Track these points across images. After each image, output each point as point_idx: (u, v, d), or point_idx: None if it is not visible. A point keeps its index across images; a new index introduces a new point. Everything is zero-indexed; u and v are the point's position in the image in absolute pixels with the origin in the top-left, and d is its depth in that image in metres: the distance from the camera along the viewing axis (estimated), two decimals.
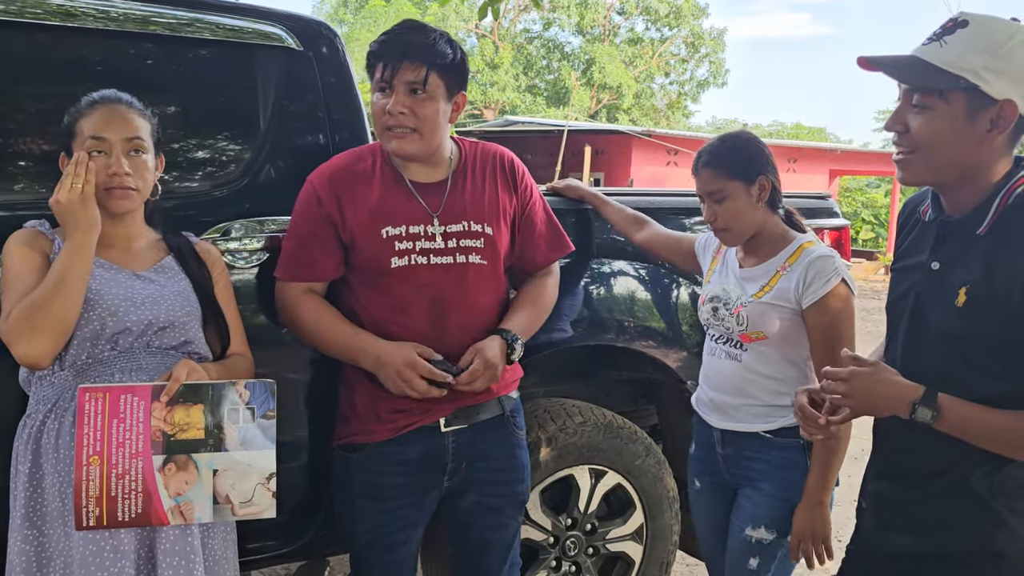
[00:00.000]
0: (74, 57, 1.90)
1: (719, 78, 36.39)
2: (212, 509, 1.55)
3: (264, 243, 1.99)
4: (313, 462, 2.09)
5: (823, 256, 1.88)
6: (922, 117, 1.37)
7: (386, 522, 1.92)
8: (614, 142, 17.68)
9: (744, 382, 1.96)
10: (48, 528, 1.54)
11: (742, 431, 1.97)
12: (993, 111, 1.33)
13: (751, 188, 1.90)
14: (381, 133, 1.84)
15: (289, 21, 2.16)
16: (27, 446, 1.56)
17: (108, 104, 1.63)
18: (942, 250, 1.45)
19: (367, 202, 1.85)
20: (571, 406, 2.48)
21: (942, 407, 1.35)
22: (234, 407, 1.58)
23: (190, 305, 1.69)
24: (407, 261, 1.83)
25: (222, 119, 2.07)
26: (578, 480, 2.46)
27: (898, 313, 1.53)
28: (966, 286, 1.37)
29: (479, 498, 2.00)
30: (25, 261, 1.57)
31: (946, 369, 1.40)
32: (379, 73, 1.79)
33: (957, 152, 1.37)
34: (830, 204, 2.97)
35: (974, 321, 1.36)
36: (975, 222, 1.39)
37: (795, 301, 1.88)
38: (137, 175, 1.63)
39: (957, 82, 1.32)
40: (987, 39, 1.32)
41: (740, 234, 1.96)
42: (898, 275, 1.57)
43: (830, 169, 19.91)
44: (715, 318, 2.00)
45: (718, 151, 1.94)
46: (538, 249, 2.05)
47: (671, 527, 2.62)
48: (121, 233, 1.68)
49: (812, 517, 1.89)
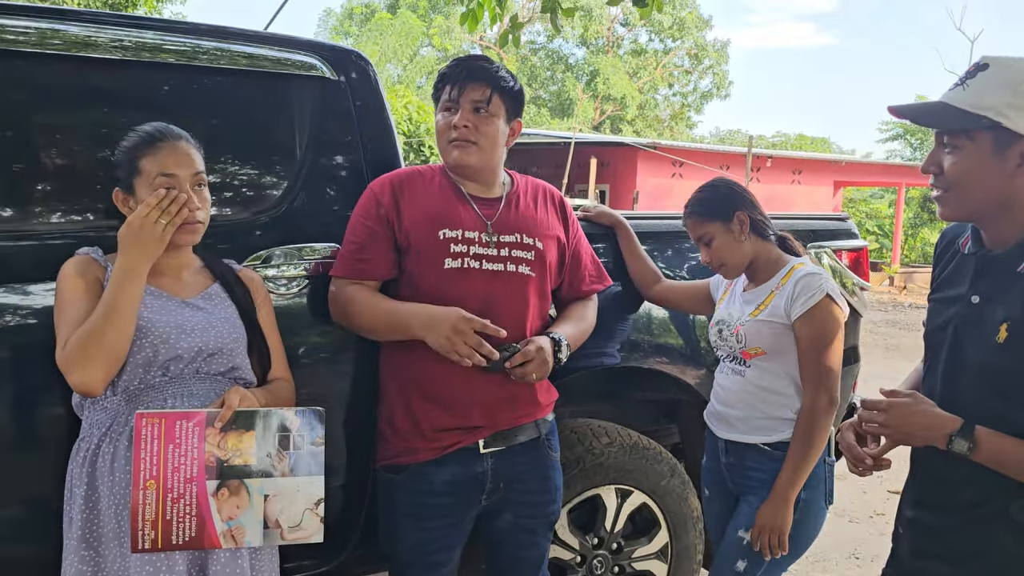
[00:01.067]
0: (121, 89, 1.95)
1: (722, 89, 36.54)
2: (262, 534, 1.59)
3: (303, 270, 2.03)
4: (350, 482, 2.13)
5: (810, 273, 2.03)
6: (953, 157, 1.43)
7: (427, 541, 1.96)
8: (619, 154, 17.75)
9: (747, 395, 2.10)
10: (104, 549, 1.57)
11: (743, 442, 2.10)
12: (1021, 146, 1.38)
13: (730, 225, 2.08)
14: (444, 147, 1.98)
15: (324, 51, 2.22)
16: (82, 469, 1.60)
17: (171, 141, 1.68)
18: (981, 284, 1.48)
19: (426, 205, 1.95)
20: (597, 427, 2.52)
21: (979, 439, 1.38)
22: (284, 434, 1.63)
23: (237, 331, 1.74)
24: (460, 263, 1.91)
25: (261, 148, 2.12)
26: (604, 500, 2.50)
27: (937, 344, 1.57)
28: (1007, 323, 1.40)
29: (515, 519, 2.04)
30: (79, 290, 1.61)
31: (984, 402, 1.43)
32: (446, 94, 1.96)
33: (989, 188, 1.42)
34: (849, 225, 3.01)
35: (1015, 357, 1.39)
36: (1016, 259, 1.43)
37: (786, 316, 2.02)
38: (203, 208, 1.70)
39: (980, 121, 1.38)
40: (1007, 79, 1.38)
41: (735, 267, 2.13)
42: (936, 306, 1.61)
43: (834, 180, 19.98)
44: (720, 339, 2.16)
45: (696, 200, 2.15)
46: (583, 281, 2.17)
47: (695, 546, 2.65)
48: (174, 263, 1.73)
49: (776, 512, 2.00)
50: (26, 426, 1.75)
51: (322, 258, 2.05)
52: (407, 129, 15.83)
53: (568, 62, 35.84)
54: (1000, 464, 1.39)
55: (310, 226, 2.09)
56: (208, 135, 1.94)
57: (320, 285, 2.03)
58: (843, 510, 4.27)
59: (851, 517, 4.21)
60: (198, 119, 2.01)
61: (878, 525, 4.16)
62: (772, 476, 2.04)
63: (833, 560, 3.77)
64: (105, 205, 1.88)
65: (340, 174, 2.19)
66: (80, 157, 1.91)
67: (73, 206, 1.89)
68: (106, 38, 1.90)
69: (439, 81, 2.00)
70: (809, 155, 22.57)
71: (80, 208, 1.90)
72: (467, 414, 1.93)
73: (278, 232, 2.05)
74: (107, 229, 1.85)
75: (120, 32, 1.93)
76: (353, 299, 1.93)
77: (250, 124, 2.11)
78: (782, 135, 38.61)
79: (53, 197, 1.88)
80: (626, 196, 17.15)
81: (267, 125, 2.13)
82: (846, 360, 2.97)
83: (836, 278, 2.84)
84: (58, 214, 1.88)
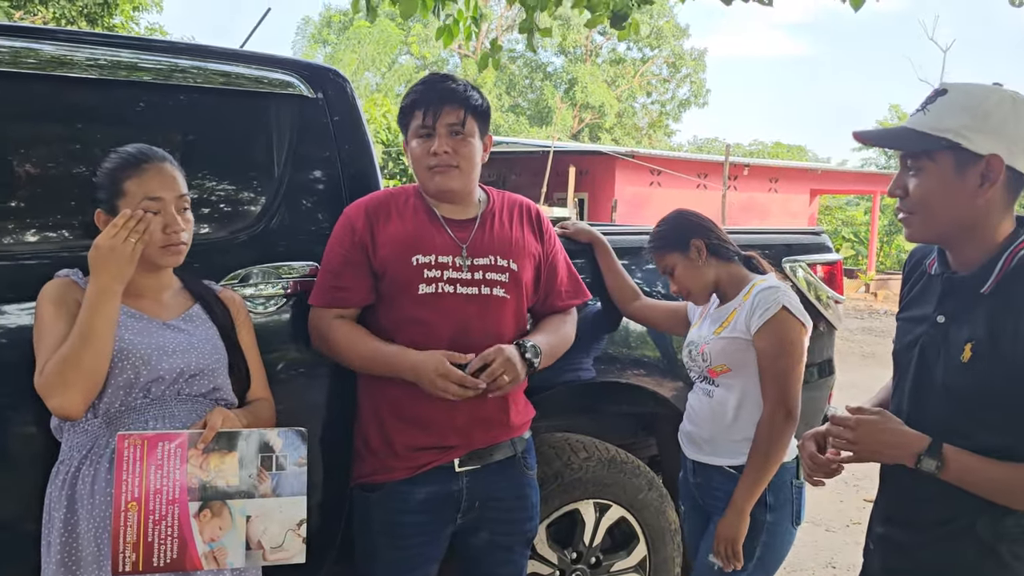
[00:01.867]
0: (97, 108, 1.94)
1: (700, 97, 36.85)
2: (244, 555, 1.58)
3: (281, 288, 2.03)
4: (327, 499, 2.12)
5: (768, 288, 2.06)
6: (916, 179, 1.47)
7: (403, 559, 1.97)
8: (598, 162, 17.83)
9: (715, 416, 2.11)
10: (82, 573, 1.56)
11: (710, 464, 2.12)
12: (980, 166, 1.41)
13: (688, 253, 2.13)
14: (424, 174, 1.97)
15: (301, 68, 2.23)
16: (61, 492, 1.59)
17: (157, 164, 1.68)
18: (947, 304, 1.51)
19: (400, 231, 1.95)
20: (575, 441, 2.53)
21: (946, 458, 1.40)
22: (267, 454, 1.62)
23: (218, 352, 1.73)
24: (435, 289, 1.92)
25: (238, 166, 2.12)
26: (583, 514, 2.51)
27: (904, 363, 1.59)
28: (971, 343, 1.43)
29: (491, 536, 2.05)
30: (56, 315, 1.60)
31: (951, 421, 1.46)
32: (419, 120, 1.94)
33: (953, 208, 1.44)
34: (823, 239, 3.05)
35: (979, 377, 1.42)
36: (980, 281, 1.46)
37: (746, 331, 2.04)
38: (187, 230, 1.70)
39: (940, 143, 1.42)
40: (964, 103, 1.43)
41: (700, 292, 2.16)
42: (904, 325, 1.64)
43: (811, 188, 20.19)
44: (690, 359, 2.18)
45: (654, 235, 2.20)
46: (559, 296, 2.16)
47: (673, 559, 2.67)
48: (153, 284, 1.73)
49: (730, 522, 2.02)
50: (2, 449, 1.72)
51: (300, 276, 2.05)
52: (386, 138, 15.81)
53: (547, 70, 36.00)
54: (966, 483, 1.41)
55: (288, 244, 2.10)
56: (185, 153, 1.95)
57: (298, 303, 2.04)
58: (820, 519, 4.31)
59: (827, 526, 4.25)
60: (175, 138, 2.01)
61: (854, 534, 4.20)
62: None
63: (810, 569, 3.81)
64: (81, 224, 1.88)
65: (318, 191, 2.20)
66: (56, 176, 1.91)
67: (48, 225, 1.88)
68: (82, 57, 1.90)
69: (409, 106, 1.97)
70: (786, 163, 22.80)
71: (55, 227, 1.89)
72: (442, 434, 1.94)
73: (256, 250, 2.05)
74: (84, 249, 1.85)
75: (96, 51, 1.93)
76: (335, 337, 1.94)
77: (228, 143, 2.11)
78: (759, 143, 38.97)
79: (28, 216, 1.87)
80: (604, 205, 17.23)
81: (245, 143, 2.13)
82: (820, 373, 3.02)
83: (811, 291, 2.88)
84: (33, 233, 1.87)
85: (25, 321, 1.71)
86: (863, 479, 4.83)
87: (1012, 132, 1.40)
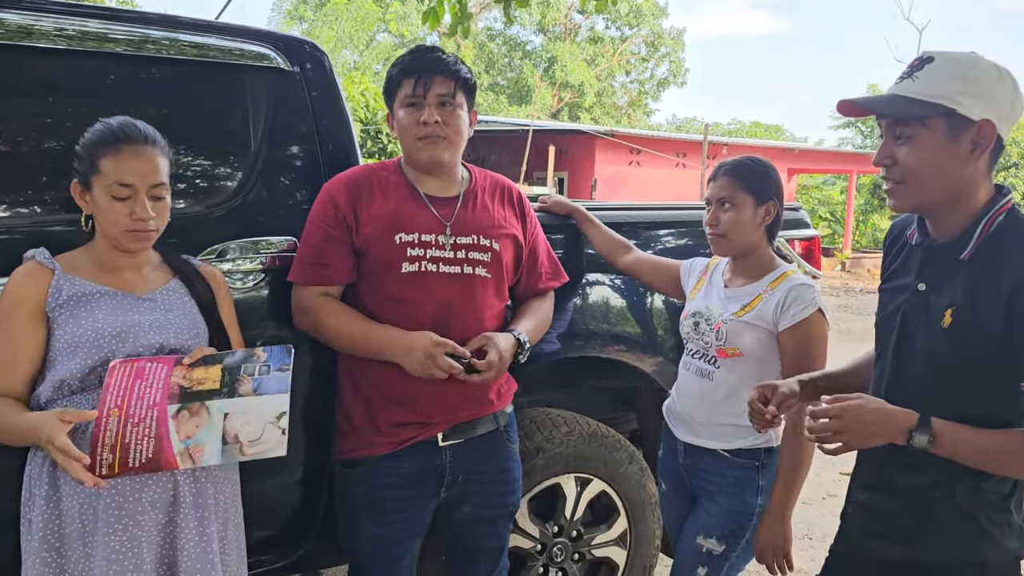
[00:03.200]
0: (71, 79, 1.90)
1: (679, 77, 36.79)
2: (220, 451, 1.54)
3: (259, 263, 2.01)
4: (308, 476, 2.12)
5: (804, 284, 1.99)
6: (907, 147, 1.46)
7: (386, 535, 1.97)
8: (578, 142, 17.79)
9: (713, 399, 2.06)
10: (67, 550, 1.54)
11: (702, 447, 2.08)
12: (973, 132, 1.41)
13: (759, 208, 2.02)
14: (411, 145, 1.93)
15: (278, 41, 2.18)
16: (42, 469, 1.57)
17: (135, 146, 1.62)
18: (928, 272, 1.52)
19: (382, 209, 1.93)
20: (556, 416, 2.54)
21: (937, 432, 1.40)
22: (251, 363, 1.62)
23: (197, 327, 1.71)
24: (417, 267, 1.90)
25: (214, 140, 2.09)
26: (564, 489, 2.52)
27: (886, 332, 1.60)
28: (952, 308, 1.45)
29: (474, 510, 2.05)
30: (14, 326, 1.59)
31: (933, 389, 1.47)
32: (409, 89, 1.90)
33: (944, 175, 1.45)
34: (801, 215, 3.06)
35: (959, 342, 1.43)
36: (959, 247, 1.47)
37: (772, 323, 1.98)
38: (159, 217, 1.66)
39: (935, 109, 1.41)
40: (955, 69, 1.43)
41: (734, 245, 2.05)
42: (886, 295, 1.65)
43: (788, 168, 20.27)
44: (695, 332, 2.09)
45: (742, 165, 2.05)
46: (539, 278, 2.16)
47: (653, 531, 2.69)
48: (130, 260, 1.70)
49: (775, 531, 1.99)
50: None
51: (278, 251, 2.03)
52: (364, 116, 15.65)
53: (526, 49, 35.76)
54: (955, 453, 1.41)
55: (266, 219, 2.07)
56: (159, 127, 1.90)
57: (276, 278, 2.02)
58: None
59: (804, 499, 4.30)
60: (147, 111, 1.96)
61: (830, 506, 4.26)
62: (728, 481, 2.04)
63: None
64: (47, 199, 1.84)
65: (296, 166, 2.16)
66: (21, 151, 1.86)
67: (17, 201, 1.84)
68: (49, 27, 1.85)
69: (398, 75, 1.95)
70: (764, 143, 22.87)
71: (23, 203, 1.84)
72: (426, 411, 1.93)
73: (233, 225, 2.02)
74: (50, 224, 1.82)
75: (63, 20, 1.87)
76: (320, 314, 1.92)
77: (202, 116, 2.07)
78: (737, 122, 39.06)
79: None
80: (584, 184, 17.22)
81: (219, 117, 2.09)
82: None
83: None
84: (2, 209, 1.83)
85: None
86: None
87: (999, 99, 1.42)
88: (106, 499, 1.54)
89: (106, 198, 1.61)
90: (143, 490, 1.56)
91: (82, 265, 1.67)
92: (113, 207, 1.61)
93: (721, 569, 2.06)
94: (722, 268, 2.16)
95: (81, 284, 1.63)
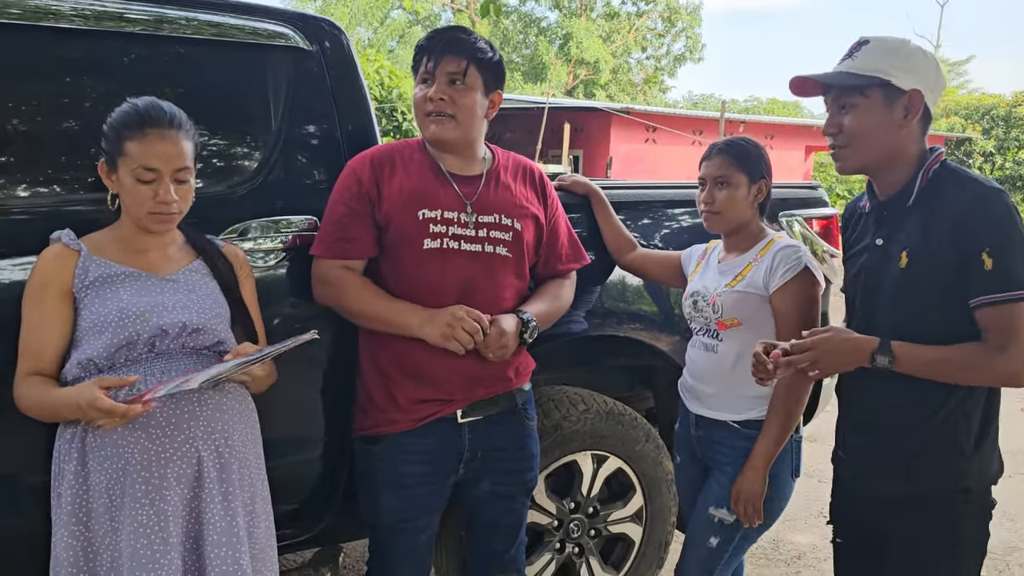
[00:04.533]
0: (92, 59, 1.91)
1: (695, 53, 36.43)
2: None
3: (279, 243, 2.03)
4: (328, 451, 2.15)
5: (789, 246, 2.05)
6: (850, 115, 1.70)
7: (406, 509, 2.00)
8: (593, 119, 17.69)
9: (720, 371, 2.10)
10: (94, 524, 1.58)
11: (713, 418, 2.12)
12: (904, 100, 1.67)
13: (752, 186, 2.09)
14: (421, 121, 1.96)
15: (296, 20, 2.19)
16: (71, 445, 1.60)
17: (160, 130, 1.63)
18: (882, 229, 1.74)
19: (405, 185, 1.94)
20: (574, 394, 2.56)
21: (895, 352, 1.61)
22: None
23: (220, 307, 1.74)
24: (439, 244, 1.92)
25: (234, 120, 2.10)
26: (581, 465, 2.55)
27: (854, 291, 1.81)
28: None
29: (493, 486, 2.08)
30: (44, 310, 1.62)
31: (896, 324, 1.66)
32: (423, 66, 1.94)
33: (882, 138, 1.68)
34: (819, 194, 3.05)
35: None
36: (905, 196, 1.70)
37: (763, 287, 2.03)
38: (182, 200, 1.67)
39: (873, 80, 1.66)
40: (888, 48, 1.69)
41: (728, 221, 2.11)
42: (850, 261, 1.85)
43: (806, 145, 20.10)
44: (695, 310, 2.15)
45: (735, 144, 2.13)
46: (559, 259, 2.17)
47: (669, 508, 2.72)
48: (156, 240, 1.73)
49: (750, 480, 2.03)
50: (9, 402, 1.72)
51: (299, 231, 2.04)
52: (379, 94, 15.62)
53: (541, 26, 35.48)
54: (915, 369, 1.61)
55: (287, 198, 2.08)
56: (180, 107, 1.92)
57: (297, 257, 2.03)
58: (812, 471, 4.36)
59: (820, 477, 4.31)
60: (166, 90, 1.97)
61: None
62: (740, 453, 2.06)
63: (803, 519, 3.88)
64: (67, 179, 1.87)
65: (316, 145, 2.17)
66: (41, 130, 1.87)
67: (39, 181, 1.86)
68: (66, 7, 1.86)
69: (417, 53, 1.98)
70: (781, 120, 22.65)
71: (42, 182, 1.87)
72: (445, 388, 1.96)
73: (254, 205, 2.04)
74: (70, 204, 1.85)
75: (81, 0, 1.88)
76: (343, 287, 1.93)
77: (222, 96, 2.08)
78: (754, 99, 38.68)
79: (15, 172, 1.84)
80: (600, 162, 17.14)
81: (240, 96, 2.10)
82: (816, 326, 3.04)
83: (807, 245, 2.89)
84: (24, 188, 1.85)
85: (18, 277, 1.71)
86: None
87: (926, 73, 1.68)
88: (133, 475, 1.57)
89: (131, 180, 1.63)
90: (168, 466, 1.59)
91: (108, 246, 1.70)
92: (138, 189, 1.63)
93: (733, 539, 2.10)
94: (718, 250, 2.21)
95: (107, 265, 1.66)
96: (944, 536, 1.69)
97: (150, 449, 1.58)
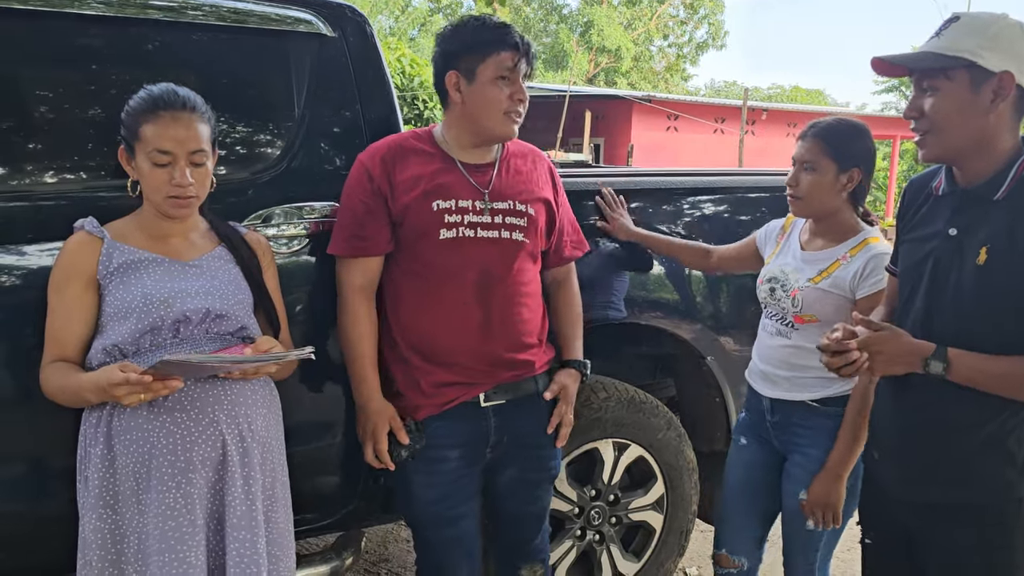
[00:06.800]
0: (116, 46, 1.92)
1: (718, 39, 36.10)
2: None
3: (303, 229, 2.04)
4: (350, 437, 2.16)
5: (885, 253, 1.95)
6: (933, 99, 1.57)
7: (442, 496, 2.00)
8: (614, 107, 17.61)
9: (792, 357, 2.06)
10: (121, 507, 1.60)
11: (790, 400, 2.08)
12: (993, 83, 1.52)
13: (841, 175, 1.99)
14: (497, 117, 1.94)
15: (320, 7, 2.18)
16: (97, 429, 1.62)
17: (174, 112, 1.64)
18: (960, 218, 1.60)
19: (418, 177, 1.93)
20: (595, 382, 2.55)
21: (951, 360, 1.52)
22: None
23: (242, 293, 1.75)
24: (455, 233, 1.92)
25: (258, 106, 2.10)
26: (602, 453, 2.55)
27: (915, 278, 1.67)
28: (987, 246, 1.53)
29: (519, 474, 2.09)
30: (68, 295, 1.64)
31: (966, 329, 1.55)
32: (510, 62, 1.91)
33: (968, 124, 1.55)
34: None
35: (995, 276, 1.52)
36: (992, 190, 1.56)
37: (850, 290, 1.97)
38: (199, 184, 1.68)
39: (957, 62, 1.52)
40: (976, 26, 1.55)
41: (811, 208, 2.03)
42: (911, 246, 1.71)
43: None
44: (772, 298, 2.10)
45: (830, 127, 2.02)
46: (566, 246, 2.18)
47: (690, 497, 2.71)
48: (178, 226, 1.74)
49: (828, 489, 2.00)
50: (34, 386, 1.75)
51: (322, 217, 2.05)
52: (400, 82, 15.62)
53: (562, 13, 35.31)
54: (971, 380, 1.52)
55: (310, 184, 2.09)
56: (203, 94, 1.93)
57: (321, 243, 2.04)
58: None
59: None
60: (190, 77, 1.98)
61: None
62: (820, 432, 2.02)
63: None
64: (94, 165, 1.88)
65: (339, 132, 2.18)
66: (66, 117, 1.89)
67: (64, 167, 1.88)
68: None
69: (491, 43, 1.89)
70: (804, 108, 22.43)
71: (68, 169, 1.88)
72: (465, 371, 1.97)
73: (278, 191, 2.05)
74: (92, 190, 1.87)
75: None
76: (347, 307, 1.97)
77: (246, 82, 2.08)
78: (777, 87, 38.30)
79: (40, 159, 1.86)
80: (621, 150, 17.06)
81: (264, 83, 2.11)
82: None
83: None
84: (51, 175, 1.87)
85: (46, 263, 1.73)
86: None
87: (1020, 52, 1.52)
88: (159, 458, 1.59)
89: (147, 164, 1.64)
90: (193, 449, 1.61)
91: (131, 233, 1.71)
92: (154, 173, 1.64)
93: None
94: (800, 227, 2.14)
95: (130, 252, 1.68)
96: (997, 547, 1.60)
97: (175, 432, 1.60)
